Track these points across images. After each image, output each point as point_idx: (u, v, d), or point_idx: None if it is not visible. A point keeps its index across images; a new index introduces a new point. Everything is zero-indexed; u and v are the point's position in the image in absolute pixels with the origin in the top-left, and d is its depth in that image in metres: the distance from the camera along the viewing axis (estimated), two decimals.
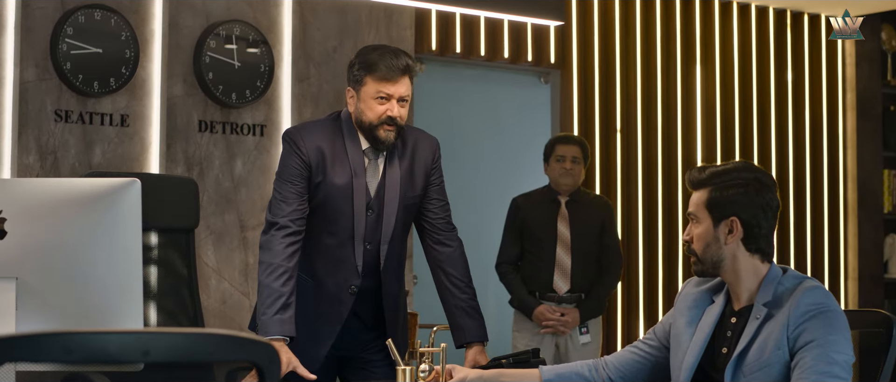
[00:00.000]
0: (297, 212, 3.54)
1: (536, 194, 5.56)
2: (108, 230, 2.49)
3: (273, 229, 3.53)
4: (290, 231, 3.52)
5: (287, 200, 3.55)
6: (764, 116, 7.40)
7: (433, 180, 3.72)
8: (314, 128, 3.66)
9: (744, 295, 2.92)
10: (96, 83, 5.00)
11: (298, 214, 3.55)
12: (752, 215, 2.89)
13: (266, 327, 3.43)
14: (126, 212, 2.50)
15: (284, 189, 3.57)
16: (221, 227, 5.34)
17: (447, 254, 3.71)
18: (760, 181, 2.92)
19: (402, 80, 3.53)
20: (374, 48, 3.61)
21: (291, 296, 3.46)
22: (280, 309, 3.43)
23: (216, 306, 5.31)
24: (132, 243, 2.51)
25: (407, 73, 3.55)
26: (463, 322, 3.66)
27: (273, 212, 3.57)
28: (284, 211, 3.53)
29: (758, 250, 2.91)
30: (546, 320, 5.39)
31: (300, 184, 3.57)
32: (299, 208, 3.55)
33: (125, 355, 1.71)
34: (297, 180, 3.57)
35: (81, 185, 2.56)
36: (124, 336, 1.74)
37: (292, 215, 3.53)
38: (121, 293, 2.49)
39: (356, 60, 3.59)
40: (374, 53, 3.56)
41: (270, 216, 3.57)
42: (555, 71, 6.73)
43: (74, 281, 2.47)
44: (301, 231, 3.54)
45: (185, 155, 5.25)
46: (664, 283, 6.99)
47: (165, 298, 3.85)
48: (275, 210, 3.56)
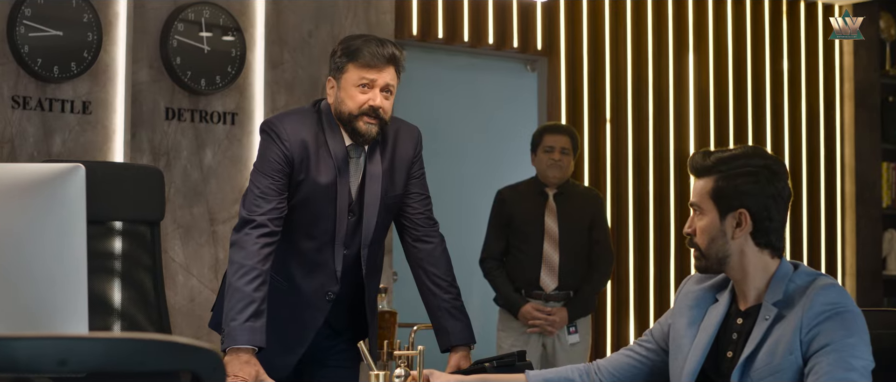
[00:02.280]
0: (276, 210, 3.39)
1: (523, 186, 5.53)
2: (47, 222, 2.32)
3: (248, 227, 3.37)
4: (266, 231, 3.36)
5: (266, 196, 3.39)
6: (759, 106, 7.41)
7: (414, 173, 3.58)
8: (297, 119, 3.50)
9: (751, 294, 2.78)
10: (56, 68, 4.90)
11: (277, 213, 3.39)
12: (763, 207, 2.74)
13: (234, 334, 3.26)
14: (68, 202, 2.33)
15: (263, 184, 3.40)
16: (190, 220, 5.26)
17: (428, 251, 3.57)
18: (771, 169, 2.77)
19: (386, 68, 3.41)
20: (359, 36, 3.51)
21: (263, 302, 3.31)
22: (252, 316, 3.27)
23: (184, 304, 5.22)
24: (75, 236, 2.33)
25: (392, 62, 3.42)
26: (447, 325, 3.52)
27: (248, 208, 3.40)
28: (262, 208, 3.37)
29: (768, 244, 2.77)
30: (532, 319, 5.35)
31: (280, 180, 3.41)
32: (278, 207, 3.40)
33: (37, 364, 1.52)
34: (278, 175, 3.41)
35: (16, 171, 2.37)
36: (35, 343, 1.54)
37: (270, 213, 3.38)
38: (62, 291, 2.32)
39: (339, 47, 3.47)
40: (359, 39, 3.45)
41: (245, 212, 3.40)
42: (542, 58, 6.72)
43: (8, 278, 2.29)
44: (277, 232, 3.39)
45: (152, 144, 5.17)
46: (655, 280, 7.00)
47: (127, 297, 3.73)
48: (250, 206, 3.40)
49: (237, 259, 3.34)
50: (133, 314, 3.71)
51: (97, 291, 3.63)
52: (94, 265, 3.15)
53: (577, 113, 6.77)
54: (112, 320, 3.70)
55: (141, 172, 4.08)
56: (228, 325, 3.28)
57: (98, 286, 3.67)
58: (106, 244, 3.72)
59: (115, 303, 3.68)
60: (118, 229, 3.74)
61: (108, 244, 3.70)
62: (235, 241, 3.38)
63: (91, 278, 3.25)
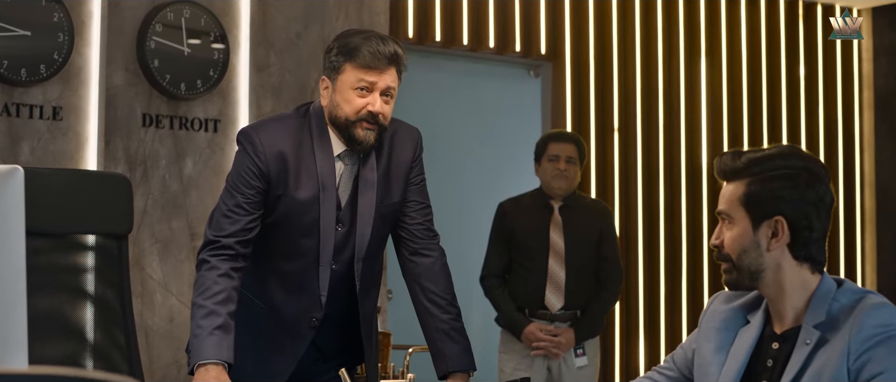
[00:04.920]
0: (244, 231, 3.22)
1: (526, 199, 5.43)
2: None
3: (211, 249, 3.21)
4: (230, 254, 3.20)
5: (232, 214, 3.22)
6: (774, 115, 7.40)
7: (413, 180, 3.41)
8: (276, 128, 3.31)
9: (789, 314, 2.59)
10: (24, 71, 4.85)
11: (244, 234, 3.22)
12: (802, 214, 2.55)
13: (199, 348, 3.11)
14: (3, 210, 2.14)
15: (231, 202, 3.24)
16: (168, 235, 5.20)
17: (426, 266, 3.39)
18: (811, 171, 2.57)
19: (388, 70, 3.22)
20: (358, 32, 3.31)
21: (231, 318, 3.15)
22: (217, 328, 3.11)
23: (162, 325, 5.16)
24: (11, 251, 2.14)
25: (395, 62, 3.23)
26: (445, 348, 3.35)
27: (213, 227, 3.25)
28: (226, 230, 3.21)
29: (807, 257, 2.57)
30: (537, 340, 5.24)
31: (253, 197, 3.24)
32: (247, 227, 3.22)
33: None
34: (250, 191, 3.24)
35: None
36: None
37: (237, 235, 3.21)
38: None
39: (335, 44, 3.27)
40: (357, 36, 3.25)
41: (210, 232, 3.24)
42: (546, 63, 6.72)
43: None
44: (245, 255, 3.23)
45: (127, 153, 5.11)
46: (666, 299, 6.99)
47: (89, 318, 3.48)
48: (216, 226, 3.24)
49: (201, 280, 3.21)
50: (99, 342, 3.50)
51: (55, 312, 3.44)
52: (53, 282, 3.15)
53: (584, 121, 6.76)
54: (71, 345, 3.47)
55: (107, 180, 3.89)
56: (192, 342, 3.13)
57: (56, 307, 3.45)
58: (67, 259, 3.53)
59: (74, 325, 3.47)
60: (81, 244, 3.55)
61: (69, 260, 3.51)
62: (200, 261, 3.24)
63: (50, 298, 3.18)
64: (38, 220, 3.02)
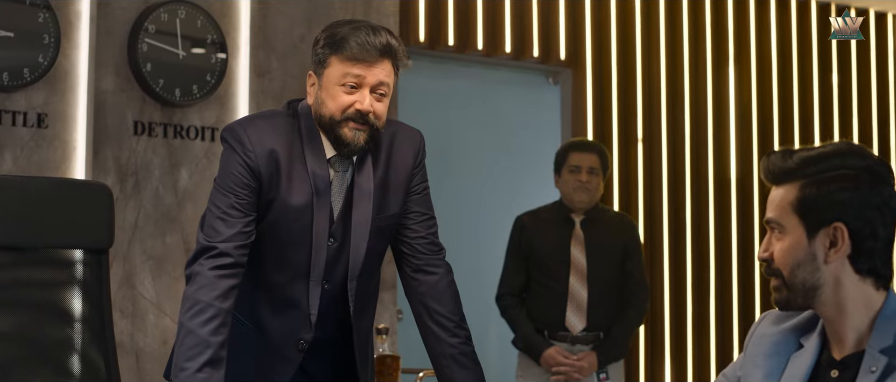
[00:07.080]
0: (241, 236, 3.05)
1: (545, 212, 5.34)
2: None
3: (205, 257, 3.03)
4: (227, 262, 3.01)
5: (227, 218, 3.05)
6: (806, 124, 7.38)
7: (415, 189, 3.24)
8: (264, 124, 3.14)
9: (850, 337, 2.39)
10: (6, 75, 4.77)
11: (241, 239, 3.05)
12: (865, 221, 2.36)
13: None
14: None
15: (223, 203, 3.06)
16: (162, 251, 5.12)
17: (431, 284, 3.23)
18: (874, 171, 2.37)
19: (379, 63, 3.03)
20: (348, 21, 3.15)
21: (223, 349, 2.97)
22: (207, 363, 2.93)
23: (155, 347, 5.06)
24: None
25: (387, 55, 3.04)
26: (454, 375, 3.19)
27: (206, 233, 3.07)
28: (223, 233, 3.03)
29: (871, 271, 2.38)
30: (557, 365, 5.13)
31: (246, 197, 3.07)
32: (244, 231, 3.05)
33: None
34: (243, 191, 3.06)
35: None
36: None
37: (233, 239, 3.03)
38: None
39: (322, 36, 3.12)
40: (346, 26, 3.09)
41: (203, 239, 3.06)
42: (565, 70, 6.66)
43: None
44: (241, 263, 3.05)
45: (118, 163, 5.04)
46: (694, 319, 6.96)
47: (66, 344, 3.36)
48: (209, 231, 3.06)
49: (191, 295, 3.00)
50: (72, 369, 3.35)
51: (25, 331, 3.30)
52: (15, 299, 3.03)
53: (606, 131, 6.73)
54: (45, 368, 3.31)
55: (83, 189, 3.73)
56: (178, 375, 2.95)
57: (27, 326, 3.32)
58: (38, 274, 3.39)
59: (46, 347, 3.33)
60: (54, 258, 3.39)
61: (39, 275, 3.36)
62: (190, 274, 3.04)
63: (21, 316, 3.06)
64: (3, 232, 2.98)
